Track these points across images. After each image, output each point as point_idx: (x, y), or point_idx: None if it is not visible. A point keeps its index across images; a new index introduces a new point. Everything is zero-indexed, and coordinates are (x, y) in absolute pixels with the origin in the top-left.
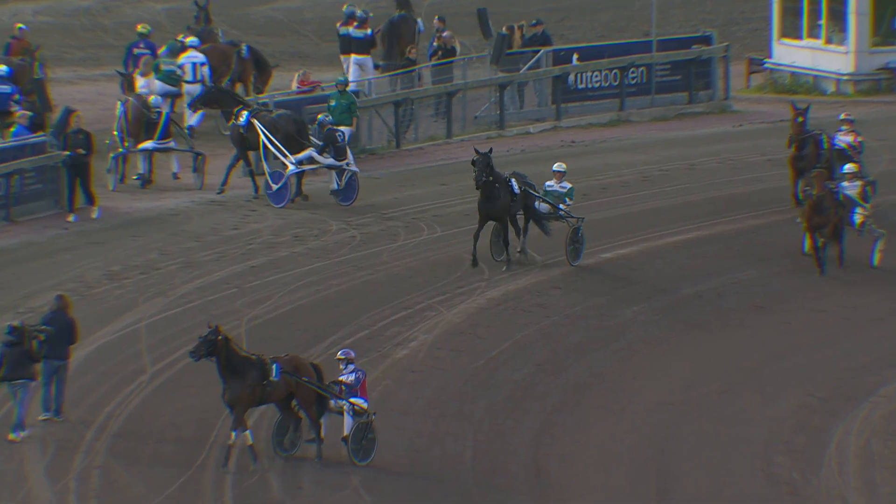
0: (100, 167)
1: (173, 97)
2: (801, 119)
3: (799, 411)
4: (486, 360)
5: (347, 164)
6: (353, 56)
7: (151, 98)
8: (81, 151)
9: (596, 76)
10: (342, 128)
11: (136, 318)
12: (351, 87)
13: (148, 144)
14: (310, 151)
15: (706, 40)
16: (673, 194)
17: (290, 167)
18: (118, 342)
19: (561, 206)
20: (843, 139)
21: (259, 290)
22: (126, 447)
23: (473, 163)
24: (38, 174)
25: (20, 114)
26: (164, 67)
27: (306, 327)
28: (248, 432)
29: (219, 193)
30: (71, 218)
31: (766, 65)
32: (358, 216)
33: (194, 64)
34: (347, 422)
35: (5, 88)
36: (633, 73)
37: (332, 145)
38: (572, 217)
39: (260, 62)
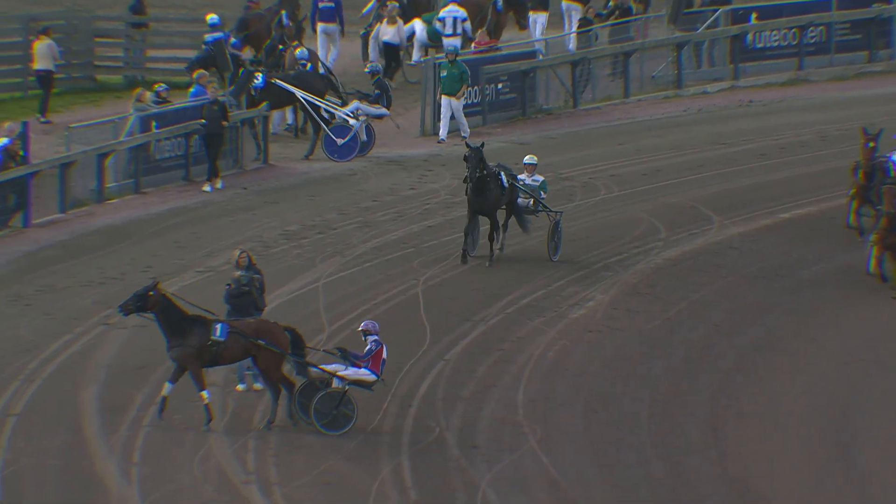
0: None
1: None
2: (871, 144)
3: None
4: (663, 321)
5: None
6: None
7: (297, 51)
8: (224, 123)
9: (774, 35)
10: (452, 99)
11: (313, 278)
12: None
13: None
14: (356, 103)
15: None
16: (852, 154)
17: (353, 121)
18: (296, 301)
19: (541, 198)
20: None
21: (435, 249)
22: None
23: (465, 158)
24: None
25: (198, 73)
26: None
27: (482, 287)
28: (204, 392)
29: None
30: (206, 188)
31: None
32: None
33: (455, 18)
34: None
35: (218, 34)
36: (811, 31)
37: (385, 94)
38: (552, 211)
39: (518, 7)
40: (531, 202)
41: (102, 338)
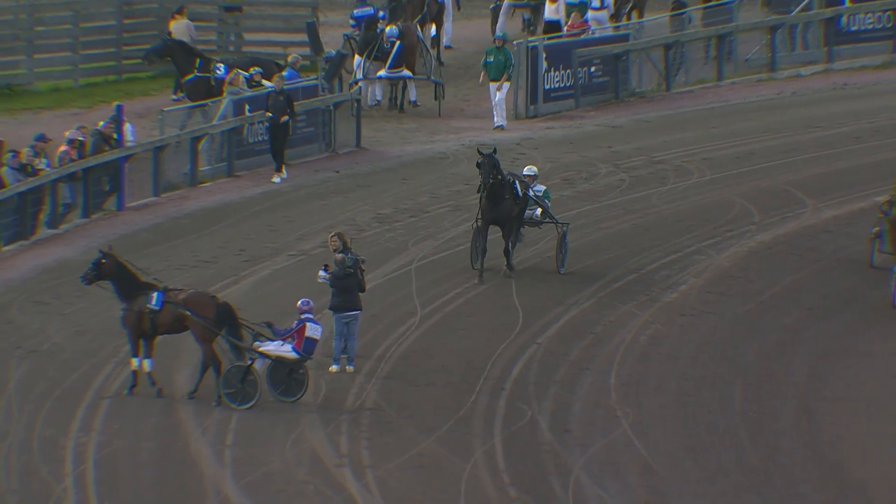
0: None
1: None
2: None
3: None
4: (756, 304)
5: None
6: None
7: (388, 27)
8: (284, 118)
9: (869, 18)
10: (499, 84)
11: (406, 261)
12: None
13: (381, 73)
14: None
15: None
16: None
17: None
18: (388, 285)
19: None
20: None
21: (526, 233)
22: (396, 390)
23: (478, 165)
24: (308, 117)
25: (292, 57)
26: None
27: (574, 271)
28: (144, 360)
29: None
30: (275, 179)
31: None
32: (627, 159)
33: None
34: (259, 363)
35: (369, 10)
36: None
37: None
38: (559, 222)
39: None
40: (538, 213)
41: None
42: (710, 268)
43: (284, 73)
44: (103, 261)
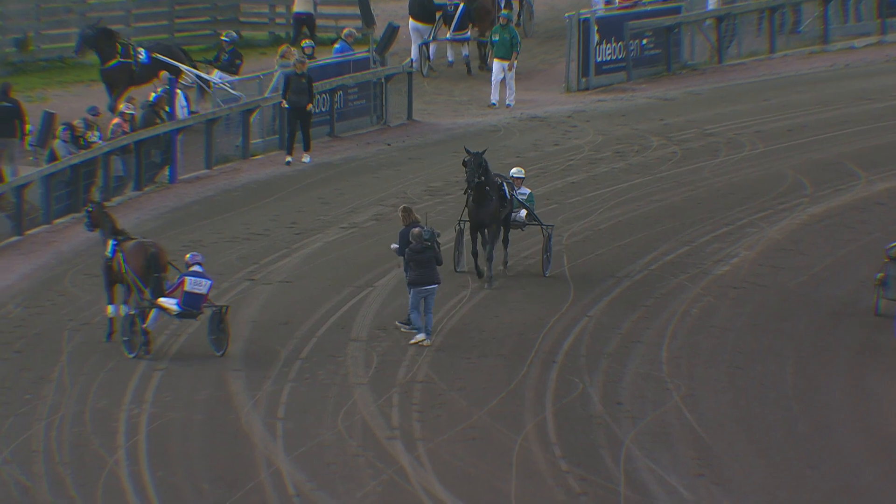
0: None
1: None
2: None
3: None
4: (808, 277)
5: None
6: None
7: None
8: (309, 106)
9: None
10: (504, 62)
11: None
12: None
13: (447, 35)
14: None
15: None
16: None
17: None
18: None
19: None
20: None
21: (579, 206)
22: (448, 362)
23: (464, 163)
24: (360, 90)
25: (347, 31)
26: None
27: (626, 244)
28: (109, 306)
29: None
30: (288, 159)
31: None
32: (678, 132)
33: None
34: (153, 316)
35: None
36: None
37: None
38: (545, 225)
39: None
40: (523, 215)
41: (247, 293)
42: (761, 240)
43: (336, 46)
44: (92, 210)
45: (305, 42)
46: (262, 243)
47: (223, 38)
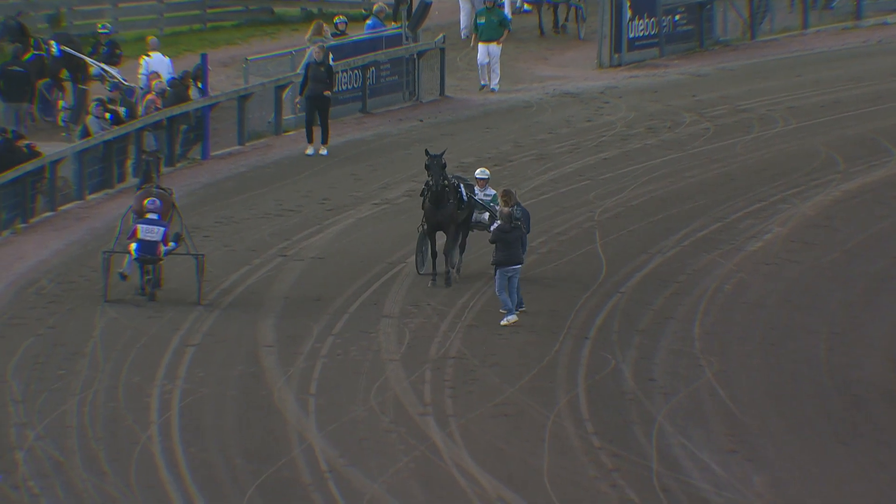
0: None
1: None
2: None
3: None
4: (841, 253)
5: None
6: None
7: None
8: (327, 93)
9: None
10: (491, 45)
11: None
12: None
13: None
14: None
15: None
16: None
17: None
18: (474, 235)
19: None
20: None
21: (611, 182)
22: (480, 338)
23: (427, 167)
24: (392, 66)
25: (378, 6)
26: None
27: (658, 220)
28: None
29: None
30: (308, 150)
31: None
32: (711, 108)
33: None
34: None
35: None
36: None
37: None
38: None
39: None
40: (487, 217)
41: (280, 269)
42: (794, 216)
43: (368, 22)
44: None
45: (337, 18)
46: (294, 219)
47: (100, 29)
